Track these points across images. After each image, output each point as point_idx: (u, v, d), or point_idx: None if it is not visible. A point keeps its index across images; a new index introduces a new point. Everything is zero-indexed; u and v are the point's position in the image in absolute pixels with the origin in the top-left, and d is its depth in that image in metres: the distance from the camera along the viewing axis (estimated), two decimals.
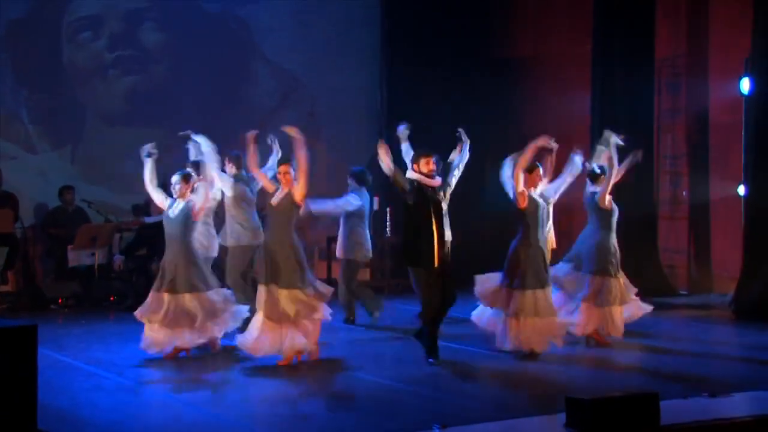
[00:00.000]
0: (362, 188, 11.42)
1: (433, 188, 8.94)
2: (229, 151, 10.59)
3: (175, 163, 14.28)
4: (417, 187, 8.90)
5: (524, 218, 9.25)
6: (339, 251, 11.45)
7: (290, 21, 16.23)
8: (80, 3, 15.06)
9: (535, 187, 9.41)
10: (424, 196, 8.88)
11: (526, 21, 16.55)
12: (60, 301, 12.77)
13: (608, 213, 9.86)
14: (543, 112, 15.69)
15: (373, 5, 16.53)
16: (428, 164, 9.03)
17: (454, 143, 9.72)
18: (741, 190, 12.54)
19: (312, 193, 15.37)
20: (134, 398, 7.66)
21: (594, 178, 10.02)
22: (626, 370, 8.58)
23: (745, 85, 12.44)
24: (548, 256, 9.66)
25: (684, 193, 14.25)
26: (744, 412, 6.92)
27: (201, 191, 9.25)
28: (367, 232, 11.43)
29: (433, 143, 14.77)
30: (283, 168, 9.04)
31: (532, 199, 9.26)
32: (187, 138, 10.07)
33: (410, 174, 9.03)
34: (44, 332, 8.73)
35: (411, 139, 9.88)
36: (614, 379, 8.19)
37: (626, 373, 8.39)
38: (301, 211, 9.12)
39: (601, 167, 10.00)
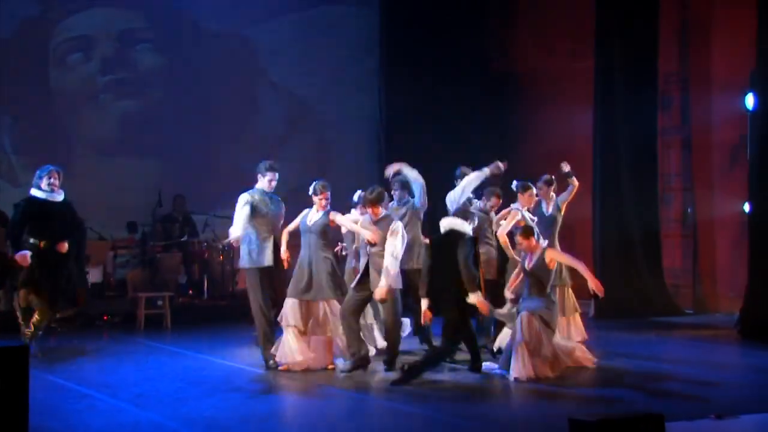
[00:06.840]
0: None
1: None
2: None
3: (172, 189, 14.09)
4: None
5: None
6: None
7: (295, 43, 15.71)
8: (69, 23, 14.44)
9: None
10: None
11: (527, 38, 16.48)
12: None
13: None
14: (544, 130, 15.60)
15: (373, 26, 16.32)
16: None
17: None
18: (746, 207, 12.38)
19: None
20: (128, 420, 7.47)
21: None
22: (631, 390, 8.41)
23: (749, 100, 12.31)
24: None
25: (688, 210, 14.11)
26: None
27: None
28: None
29: (433, 163, 14.80)
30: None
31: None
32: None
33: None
34: None
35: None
36: (619, 400, 8.02)
37: (631, 394, 8.21)
38: None
39: None
